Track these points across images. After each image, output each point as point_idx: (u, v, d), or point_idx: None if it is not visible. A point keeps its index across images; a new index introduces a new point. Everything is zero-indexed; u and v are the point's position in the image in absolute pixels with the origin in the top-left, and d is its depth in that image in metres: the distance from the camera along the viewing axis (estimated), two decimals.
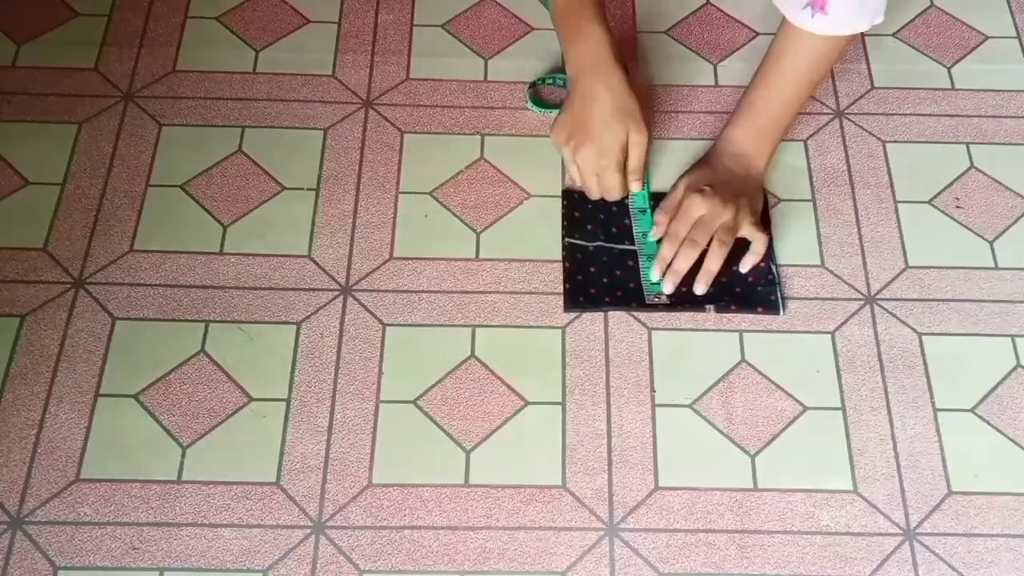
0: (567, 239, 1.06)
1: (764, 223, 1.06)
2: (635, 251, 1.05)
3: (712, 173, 1.06)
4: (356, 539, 0.90)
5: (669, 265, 1.03)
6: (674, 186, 1.07)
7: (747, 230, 1.04)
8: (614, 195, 1.08)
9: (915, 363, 1.00)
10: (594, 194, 1.08)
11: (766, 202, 1.09)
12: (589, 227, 1.06)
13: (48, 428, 0.94)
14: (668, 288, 1.02)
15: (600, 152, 1.04)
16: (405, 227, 1.07)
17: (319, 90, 1.16)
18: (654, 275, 1.03)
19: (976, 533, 0.91)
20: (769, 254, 1.04)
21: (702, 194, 1.03)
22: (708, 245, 1.03)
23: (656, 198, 1.08)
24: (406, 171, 1.11)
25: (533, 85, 1.16)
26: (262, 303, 1.02)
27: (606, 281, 1.03)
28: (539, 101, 1.15)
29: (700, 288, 1.02)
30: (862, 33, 1.07)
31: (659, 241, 1.05)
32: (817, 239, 1.07)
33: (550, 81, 1.17)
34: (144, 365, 0.98)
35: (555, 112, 1.11)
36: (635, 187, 1.08)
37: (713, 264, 1.02)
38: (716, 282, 1.02)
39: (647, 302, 1.02)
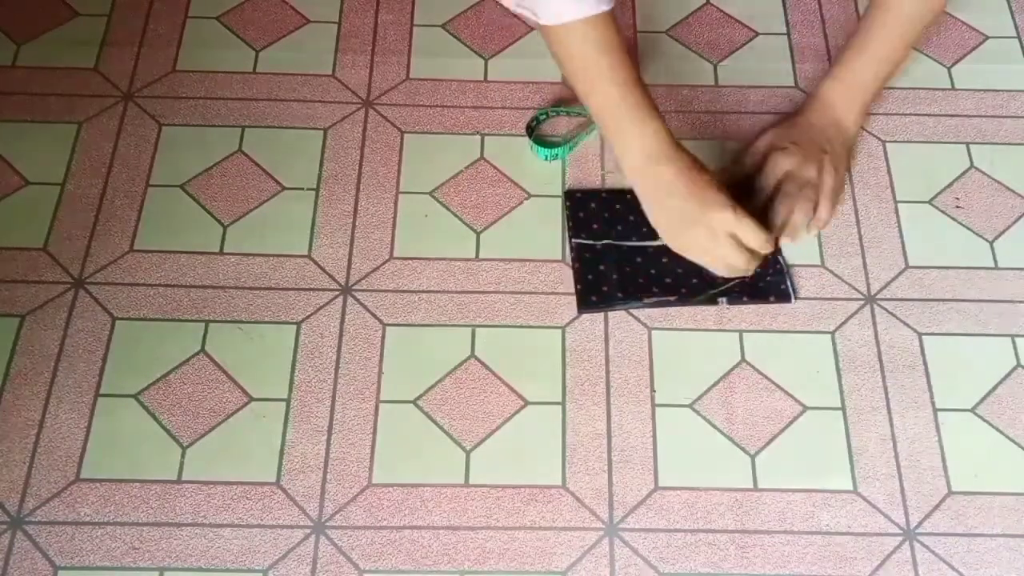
0: (574, 240, 1.05)
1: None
2: (644, 247, 1.05)
3: (795, 130, 1.08)
4: (356, 539, 0.90)
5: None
6: (756, 139, 1.08)
7: (824, 195, 1.04)
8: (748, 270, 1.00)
9: (915, 363, 1.00)
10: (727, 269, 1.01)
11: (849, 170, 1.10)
12: (595, 226, 1.06)
13: (48, 428, 0.94)
14: (768, 247, 0.98)
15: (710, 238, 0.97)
16: (405, 227, 1.07)
17: (319, 90, 1.16)
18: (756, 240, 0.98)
19: (976, 533, 0.91)
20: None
21: (785, 151, 1.05)
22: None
23: None
24: (406, 171, 1.11)
25: (532, 129, 1.12)
26: (262, 303, 1.02)
27: (616, 278, 1.03)
28: (542, 141, 1.11)
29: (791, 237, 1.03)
30: None
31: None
32: (817, 239, 1.07)
33: (543, 116, 1.13)
34: (144, 365, 0.98)
35: (559, 152, 1.09)
36: (775, 245, 1.01)
37: (799, 217, 1.03)
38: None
39: (659, 298, 1.01)
